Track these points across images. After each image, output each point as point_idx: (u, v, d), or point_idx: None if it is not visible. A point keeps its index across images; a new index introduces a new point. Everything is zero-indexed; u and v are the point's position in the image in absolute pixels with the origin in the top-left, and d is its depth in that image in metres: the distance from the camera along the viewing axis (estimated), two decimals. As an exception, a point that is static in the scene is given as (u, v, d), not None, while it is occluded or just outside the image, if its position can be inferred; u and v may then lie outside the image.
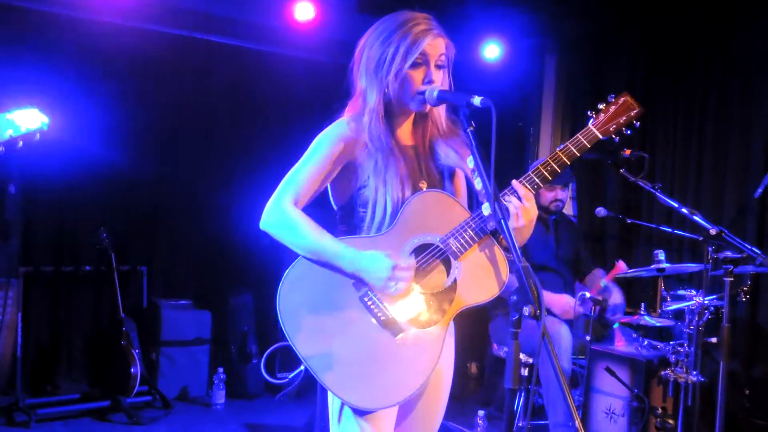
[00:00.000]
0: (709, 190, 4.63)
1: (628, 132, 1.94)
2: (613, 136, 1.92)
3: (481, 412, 4.29)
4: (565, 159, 1.89)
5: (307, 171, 1.91)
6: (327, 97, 4.89)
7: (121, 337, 4.55)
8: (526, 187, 1.86)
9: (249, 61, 5.50)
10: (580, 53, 5.62)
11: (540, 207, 3.97)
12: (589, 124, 1.91)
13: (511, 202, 1.82)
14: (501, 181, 1.71)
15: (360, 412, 1.85)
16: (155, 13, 4.94)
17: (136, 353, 4.53)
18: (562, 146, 1.91)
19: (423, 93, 1.89)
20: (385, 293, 1.82)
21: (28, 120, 2.19)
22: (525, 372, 3.89)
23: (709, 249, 3.19)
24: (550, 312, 3.76)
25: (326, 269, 1.86)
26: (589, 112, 1.94)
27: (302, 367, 1.89)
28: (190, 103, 5.27)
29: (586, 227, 5.26)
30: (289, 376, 4.79)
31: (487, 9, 5.15)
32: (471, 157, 1.73)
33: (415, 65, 1.89)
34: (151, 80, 5.09)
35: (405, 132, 2.04)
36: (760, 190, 4.00)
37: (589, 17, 5.20)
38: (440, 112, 2.03)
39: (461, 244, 1.85)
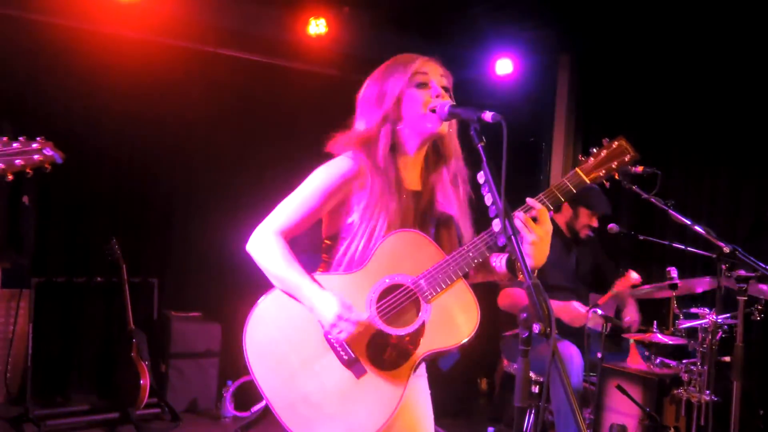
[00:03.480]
0: (722, 207, 4.60)
1: (617, 176, 1.92)
2: (604, 181, 1.89)
3: (490, 429, 4.26)
4: (547, 203, 1.84)
5: (298, 204, 1.92)
6: (338, 112, 4.89)
7: (131, 348, 4.56)
8: (541, 202, 1.84)
9: (261, 75, 5.54)
10: (593, 68, 5.62)
11: (569, 227, 3.98)
12: (577, 168, 1.88)
13: (521, 218, 1.80)
14: (514, 197, 1.70)
15: None
16: (167, 27, 4.99)
17: (146, 365, 4.53)
18: (545, 191, 1.86)
19: (435, 109, 1.88)
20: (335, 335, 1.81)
21: (41, 153, 2.22)
22: (536, 389, 3.85)
23: (722, 267, 3.16)
24: (561, 330, 3.73)
25: (293, 305, 1.86)
26: (580, 156, 1.92)
27: (263, 403, 1.86)
28: (201, 116, 5.30)
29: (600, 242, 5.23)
30: (252, 410, 4.78)
31: (499, 25, 5.17)
32: (481, 172, 1.72)
33: (420, 85, 1.91)
34: (163, 93, 5.13)
35: (412, 174, 2.01)
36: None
37: (601, 32, 5.20)
38: (453, 141, 2.01)
39: (432, 287, 1.82)
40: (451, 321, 1.82)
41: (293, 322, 1.87)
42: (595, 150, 1.90)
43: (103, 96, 4.93)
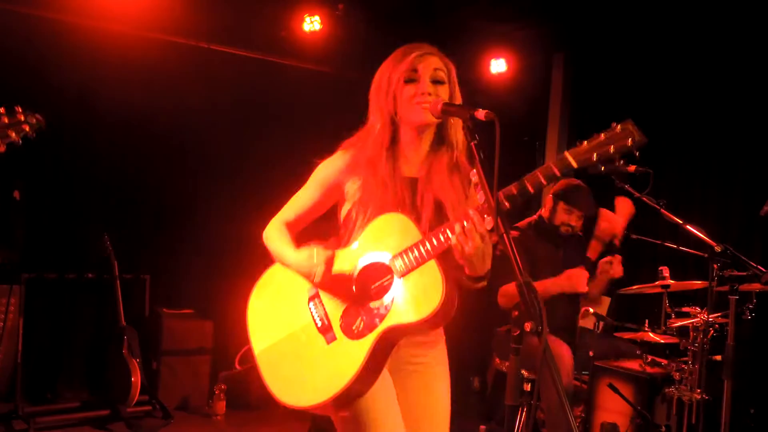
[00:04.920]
0: (714, 207, 4.61)
1: (621, 162, 1.73)
2: (600, 165, 1.72)
3: (482, 427, 4.26)
4: (529, 187, 1.72)
5: (301, 199, 2.14)
6: (332, 108, 4.90)
7: (123, 345, 4.54)
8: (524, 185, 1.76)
9: (256, 71, 5.53)
10: (587, 67, 5.63)
11: (552, 225, 3.95)
12: (566, 151, 1.73)
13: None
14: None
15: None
16: (161, 22, 4.97)
17: (137, 362, 4.51)
18: (529, 174, 1.74)
19: (420, 104, 1.92)
20: (331, 301, 1.97)
21: (26, 122, 2.27)
22: (527, 387, 3.85)
23: (714, 266, 3.17)
24: (552, 329, 3.72)
25: (287, 275, 2.07)
26: (578, 142, 1.76)
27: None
28: (195, 112, 5.29)
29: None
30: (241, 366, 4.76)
31: (493, 24, 5.17)
32: (474, 171, 1.71)
33: (409, 81, 1.96)
34: (158, 89, 5.11)
35: (412, 161, 2.04)
36: (766, 208, 3.97)
37: (595, 31, 5.21)
38: (458, 135, 2.04)
39: (406, 264, 1.86)
40: (415, 298, 1.86)
41: (285, 289, 2.08)
42: (596, 134, 1.75)
43: (95, 91, 4.91)
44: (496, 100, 5.59)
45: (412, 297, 1.86)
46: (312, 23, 5.13)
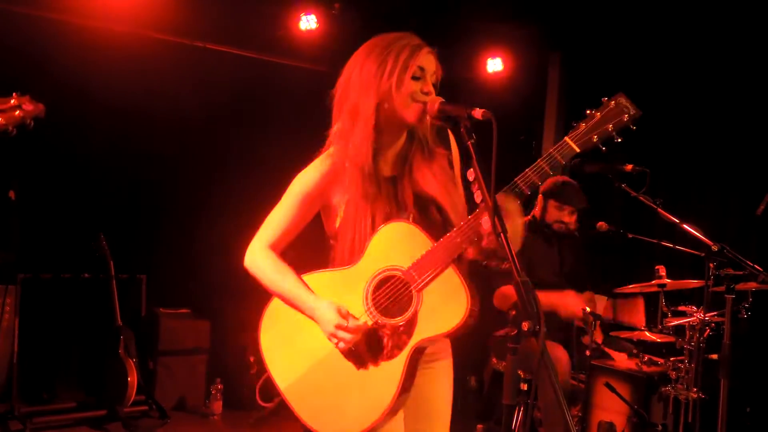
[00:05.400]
0: (711, 206, 4.62)
1: (619, 139, 1.72)
2: (600, 146, 1.73)
3: (480, 427, 4.26)
4: (535, 178, 1.77)
5: (281, 217, 2.01)
6: (329, 108, 4.88)
7: (119, 345, 4.53)
8: (526, 180, 1.80)
9: (252, 70, 5.52)
10: (583, 66, 5.63)
11: (545, 224, 3.95)
12: (566, 136, 1.72)
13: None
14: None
15: None
16: (157, 21, 4.96)
17: (134, 362, 4.50)
18: (533, 165, 1.77)
19: (423, 103, 1.87)
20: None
21: (20, 108, 2.15)
22: (524, 387, 3.85)
23: (711, 265, 3.17)
24: (549, 332, 3.72)
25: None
26: (573, 123, 1.74)
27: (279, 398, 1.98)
28: (191, 111, 5.28)
29: (587, 242, 5.25)
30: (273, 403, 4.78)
31: (489, 23, 5.17)
32: (471, 170, 1.71)
33: (415, 78, 1.88)
34: (154, 88, 5.10)
35: (387, 162, 2.00)
36: (762, 207, 3.98)
37: (590, 30, 5.21)
38: (427, 132, 2.00)
39: (422, 276, 1.83)
40: (441, 308, 1.83)
41: (299, 319, 1.95)
42: (589, 112, 1.73)
43: (91, 91, 4.88)
44: (492, 99, 5.59)
45: (438, 308, 1.83)
46: (308, 22, 5.12)
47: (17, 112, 2.14)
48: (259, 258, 2.00)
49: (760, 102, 4.41)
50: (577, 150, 1.70)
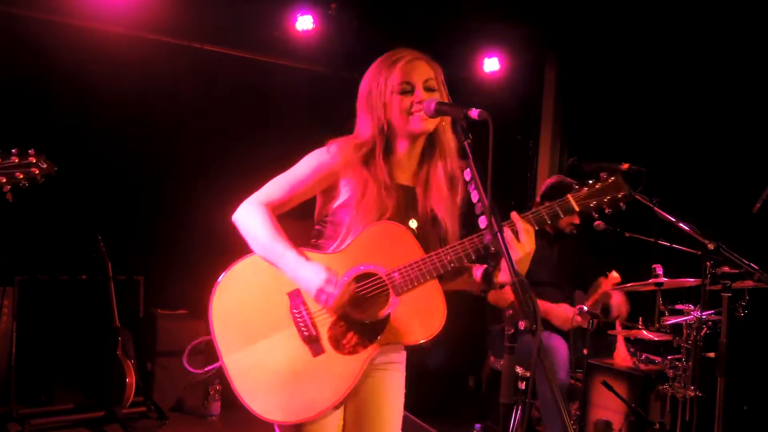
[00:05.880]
0: (708, 204, 4.63)
1: (608, 212, 1.90)
2: (594, 213, 1.89)
3: (478, 426, 4.27)
4: (532, 221, 1.86)
5: (288, 181, 1.97)
6: (325, 108, 4.90)
7: (117, 346, 4.52)
8: (528, 220, 1.84)
9: (250, 71, 5.52)
10: (580, 66, 5.64)
11: (552, 225, 3.97)
12: (569, 195, 1.89)
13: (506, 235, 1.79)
14: (502, 194, 1.69)
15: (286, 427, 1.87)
16: (153, 23, 4.96)
17: (132, 363, 4.50)
18: (533, 210, 1.88)
19: (417, 112, 1.89)
20: (317, 307, 1.85)
21: (37, 165, 2.32)
22: (522, 386, 3.86)
23: (707, 264, 3.18)
24: (548, 324, 3.75)
25: (265, 274, 1.89)
26: (575, 184, 1.92)
27: (218, 364, 1.90)
28: (188, 112, 5.28)
29: (585, 241, 5.26)
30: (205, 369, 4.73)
31: (486, 23, 5.17)
32: (468, 170, 1.72)
33: (403, 92, 1.92)
34: (151, 89, 5.10)
35: (406, 169, 2.02)
36: (758, 205, 4.00)
37: (587, 29, 5.22)
38: (449, 141, 2.01)
39: (405, 282, 1.84)
40: (416, 319, 1.84)
41: (263, 290, 1.89)
42: (591, 181, 1.91)
43: (88, 92, 4.89)
44: (488, 98, 5.60)
45: (413, 317, 1.83)
46: (305, 22, 5.12)
47: (33, 170, 2.28)
48: (257, 211, 1.93)
49: (757, 100, 4.43)
50: (576, 210, 1.88)
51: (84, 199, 5.02)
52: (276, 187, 1.97)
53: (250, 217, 1.93)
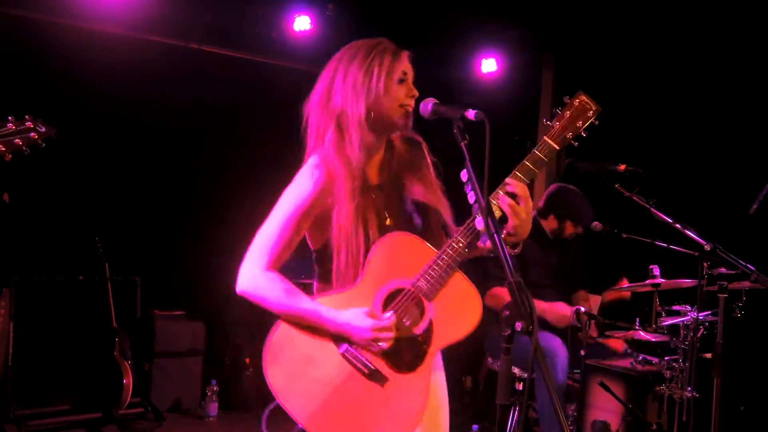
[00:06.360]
0: (704, 205, 4.63)
1: (584, 134, 1.90)
2: (573, 142, 1.89)
3: (475, 427, 4.27)
4: (523, 178, 1.84)
5: (275, 234, 1.90)
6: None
7: (114, 347, 4.52)
8: (518, 179, 1.83)
9: (247, 71, 5.51)
10: (577, 66, 5.65)
11: (554, 235, 4.00)
12: (545, 136, 1.87)
13: (505, 202, 1.79)
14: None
15: None
16: (151, 23, 4.96)
17: (129, 364, 4.50)
18: (519, 166, 1.86)
19: (409, 105, 1.89)
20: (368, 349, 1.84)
21: (35, 130, 2.27)
22: (519, 387, 3.86)
23: (704, 264, 3.19)
24: (543, 321, 3.75)
25: (304, 333, 1.87)
26: (545, 120, 1.90)
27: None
28: (185, 113, 5.28)
29: (582, 242, 5.26)
30: None
31: (483, 24, 5.18)
32: (464, 171, 1.71)
33: (401, 81, 1.91)
34: (148, 90, 5.10)
35: (373, 169, 2.00)
36: (755, 206, 4.00)
37: (584, 30, 5.23)
38: (398, 140, 2.01)
39: (431, 285, 1.83)
40: (456, 313, 1.85)
41: (308, 351, 1.87)
42: (558, 111, 1.89)
43: (86, 93, 4.88)
44: (486, 99, 5.61)
45: (452, 314, 1.85)
46: (302, 23, 5.12)
47: (32, 135, 2.22)
48: (263, 281, 1.88)
49: (753, 100, 4.44)
50: (557, 148, 1.86)
51: (81, 199, 5.01)
52: (267, 247, 1.90)
53: (261, 291, 1.88)
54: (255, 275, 1.89)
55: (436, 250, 1.86)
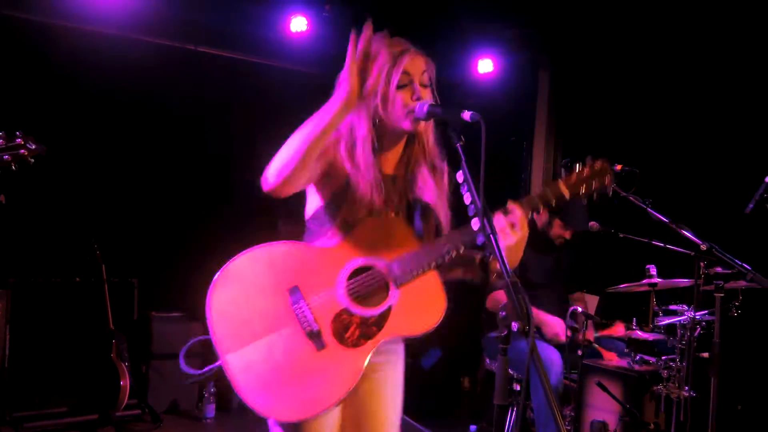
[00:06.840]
0: (701, 205, 4.64)
1: (597, 199, 1.95)
2: (583, 199, 1.93)
3: (473, 427, 4.27)
4: (526, 206, 1.86)
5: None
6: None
7: (111, 349, 4.51)
8: (521, 205, 1.84)
9: (243, 72, 5.51)
10: (574, 68, 5.65)
11: (545, 236, 4.01)
12: (560, 180, 1.91)
13: (500, 221, 1.80)
14: (495, 197, 1.69)
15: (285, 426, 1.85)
16: (147, 24, 4.95)
17: (126, 366, 4.49)
18: (526, 197, 1.88)
19: (414, 110, 1.87)
20: (317, 302, 1.82)
21: (25, 147, 2.28)
22: (517, 387, 3.87)
23: (701, 264, 3.19)
24: (539, 332, 3.76)
25: (263, 271, 1.85)
26: (563, 169, 1.97)
27: (218, 364, 1.83)
28: (182, 114, 5.27)
29: (580, 242, 5.27)
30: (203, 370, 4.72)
31: (480, 24, 5.18)
32: (460, 172, 1.71)
33: (401, 86, 1.88)
34: (145, 91, 5.10)
35: (390, 159, 2.01)
36: (751, 206, 4.01)
37: (581, 32, 5.23)
38: (428, 136, 2.01)
39: (404, 273, 1.83)
40: (418, 309, 1.84)
41: (261, 287, 1.85)
42: (579, 166, 1.94)
43: (81, 94, 4.87)
44: (482, 100, 5.61)
45: (414, 308, 1.84)
46: (299, 24, 5.12)
47: (22, 151, 2.23)
48: (276, 156, 1.89)
49: (749, 101, 4.45)
50: (566, 197, 1.90)
51: (77, 201, 5.00)
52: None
53: (280, 153, 1.90)
54: (270, 164, 1.90)
55: (419, 242, 1.88)
